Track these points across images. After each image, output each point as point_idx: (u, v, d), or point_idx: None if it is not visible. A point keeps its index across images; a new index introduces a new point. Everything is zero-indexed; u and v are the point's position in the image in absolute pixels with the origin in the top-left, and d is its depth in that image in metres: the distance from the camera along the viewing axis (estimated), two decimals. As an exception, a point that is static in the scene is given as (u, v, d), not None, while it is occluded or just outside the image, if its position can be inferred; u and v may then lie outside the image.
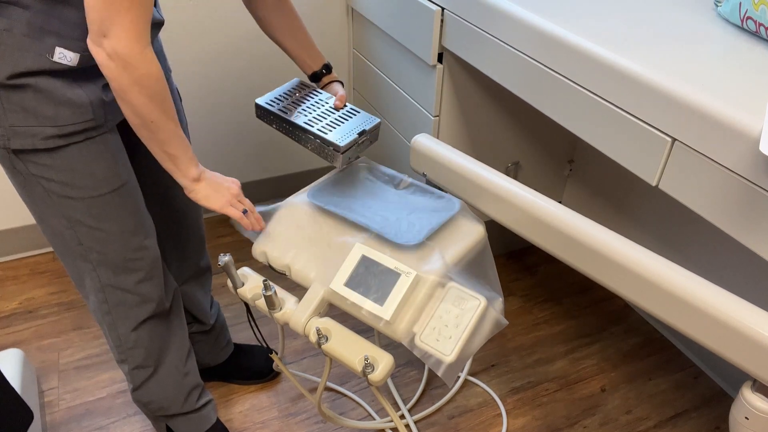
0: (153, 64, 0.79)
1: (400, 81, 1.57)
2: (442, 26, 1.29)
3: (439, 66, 1.36)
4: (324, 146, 1.06)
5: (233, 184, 0.98)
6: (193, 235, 1.23)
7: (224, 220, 1.99)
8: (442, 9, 1.26)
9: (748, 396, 0.79)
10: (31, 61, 0.80)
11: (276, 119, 1.10)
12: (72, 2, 0.81)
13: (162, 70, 0.81)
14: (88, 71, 0.87)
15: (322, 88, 1.15)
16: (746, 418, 0.80)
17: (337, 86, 1.15)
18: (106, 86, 0.90)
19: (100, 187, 0.92)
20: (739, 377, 1.43)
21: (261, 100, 1.12)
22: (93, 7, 0.74)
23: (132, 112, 0.82)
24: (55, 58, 0.82)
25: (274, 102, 1.12)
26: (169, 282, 1.11)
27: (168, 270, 1.22)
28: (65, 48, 0.82)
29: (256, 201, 2.06)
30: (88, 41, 0.77)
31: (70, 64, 0.83)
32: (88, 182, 0.91)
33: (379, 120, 1.11)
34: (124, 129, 1.04)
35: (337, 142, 1.04)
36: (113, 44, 0.75)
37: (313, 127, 1.07)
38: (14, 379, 1.26)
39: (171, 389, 1.17)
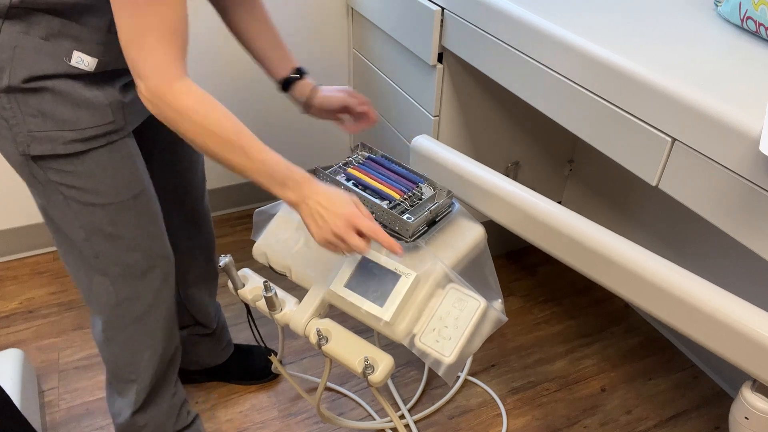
0: (187, 96, 0.77)
1: (400, 81, 1.57)
2: (442, 26, 1.29)
3: (439, 66, 1.36)
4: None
5: (341, 222, 0.83)
6: (204, 238, 1.22)
7: (224, 220, 1.99)
8: (442, 9, 1.26)
9: (748, 396, 0.79)
10: (48, 64, 0.79)
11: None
12: (95, 7, 0.80)
13: (204, 100, 0.78)
14: (106, 74, 0.86)
15: (308, 101, 1.03)
16: (746, 418, 0.80)
17: (329, 94, 1.00)
18: (124, 87, 0.89)
19: (122, 193, 0.90)
20: (739, 377, 1.43)
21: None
22: (124, 49, 0.74)
23: (193, 145, 0.80)
24: (73, 62, 0.81)
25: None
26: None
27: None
28: (83, 52, 0.81)
29: (257, 201, 2.06)
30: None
31: (87, 69, 0.82)
32: (110, 188, 0.89)
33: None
34: (138, 131, 1.03)
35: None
36: (147, 84, 0.75)
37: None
38: (14, 379, 1.26)
39: (166, 408, 1.14)
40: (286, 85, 1.03)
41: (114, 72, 0.88)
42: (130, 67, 0.75)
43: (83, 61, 0.82)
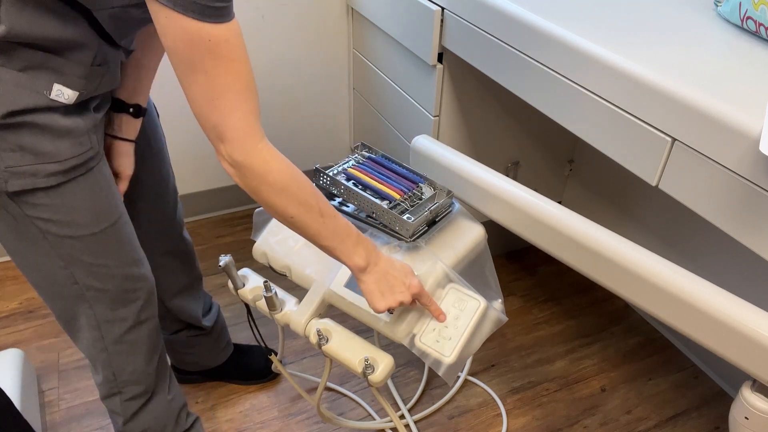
0: (271, 157, 0.76)
1: (400, 81, 1.57)
2: (442, 26, 1.29)
3: (439, 66, 1.36)
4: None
5: (405, 288, 0.89)
6: (180, 249, 1.20)
7: (224, 220, 1.99)
8: (442, 9, 1.26)
9: (748, 396, 0.79)
10: (27, 98, 0.75)
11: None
12: (81, 43, 0.77)
13: (284, 162, 0.78)
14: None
15: (115, 134, 0.98)
16: (746, 418, 0.80)
17: (126, 154, 0.98)
18: (97, 108, 0.86)
19: (101, 222, 0.87)
20: (739, 377, 1.43)
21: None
22: (201, 116, 0.73)
23: (272, 212, 0.80)
24: (53, 96, 0.77)
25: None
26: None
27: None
28: (64, 85, 0.77)
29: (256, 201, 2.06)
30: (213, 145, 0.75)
31: (66, 102, 0.78)
32: (89, 219, 0.85)
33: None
34: None
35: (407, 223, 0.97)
36: (229, 150, 0.74)
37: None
38: (14, 379, 1.26)
39: (163, 414, 1.12)
40: (121, 108, 0.99)
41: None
42: (210, 132, 0.74)
43: (63, 94, 0.77)
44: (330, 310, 1.03)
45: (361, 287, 0.89)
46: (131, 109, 0.97)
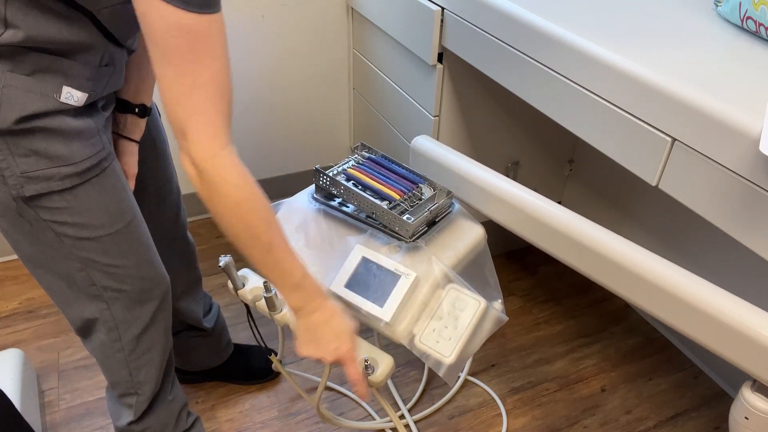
0: (232, 167, 0.73)
1: (400, 81, 1.57)
2: (442, 26, 1.29)
3: (439, 66, 1.36)
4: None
5: (331, 350, 0.85)
6: (184, 250, 1.21)
7: (224, 220, 1.99)
8: (442, 9, 1.26)
9: (748, 396, 0.79)
10: (38, 102, 0.74)
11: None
12: (90, 45, 0.77)
13: (246, 179, 0.74)
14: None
15: (120, 133, 0.98)
16: (746, 418, 0.80)
17: (131, 153, 0.98)
18: (104, 107, 0.86)
19: (116, 223, 0.87)
20: (739, 377, 1.43)
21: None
22: (169, 109, 0.71)
23: (220, 227, 0.77)
24: (62, 99, 0.76)
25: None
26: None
27: None
28: (73, 87, 0.77)
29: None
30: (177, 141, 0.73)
31: (76, 104, 0.78)
32: (104, 220, 0.85)
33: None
34: None
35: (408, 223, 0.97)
36: (189, 148, 0.71)
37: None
38: (14, 380, 1.26)
39: (163, 414, 1.12)
40: (126, 108, 0.98)
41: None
42: (174, 127, 0.72)
43: (73, 96, 0.77)
44: (330, 310, 1.03)
45: (295, 323, 0.87)
46: (137, 109, 0.97)
